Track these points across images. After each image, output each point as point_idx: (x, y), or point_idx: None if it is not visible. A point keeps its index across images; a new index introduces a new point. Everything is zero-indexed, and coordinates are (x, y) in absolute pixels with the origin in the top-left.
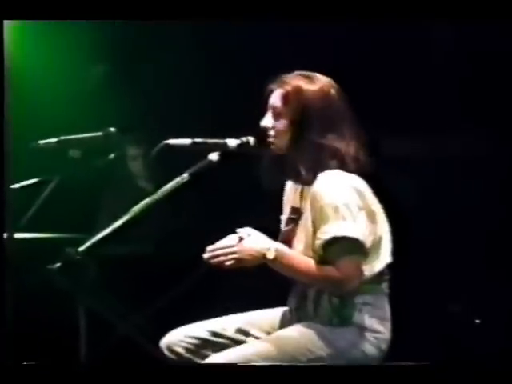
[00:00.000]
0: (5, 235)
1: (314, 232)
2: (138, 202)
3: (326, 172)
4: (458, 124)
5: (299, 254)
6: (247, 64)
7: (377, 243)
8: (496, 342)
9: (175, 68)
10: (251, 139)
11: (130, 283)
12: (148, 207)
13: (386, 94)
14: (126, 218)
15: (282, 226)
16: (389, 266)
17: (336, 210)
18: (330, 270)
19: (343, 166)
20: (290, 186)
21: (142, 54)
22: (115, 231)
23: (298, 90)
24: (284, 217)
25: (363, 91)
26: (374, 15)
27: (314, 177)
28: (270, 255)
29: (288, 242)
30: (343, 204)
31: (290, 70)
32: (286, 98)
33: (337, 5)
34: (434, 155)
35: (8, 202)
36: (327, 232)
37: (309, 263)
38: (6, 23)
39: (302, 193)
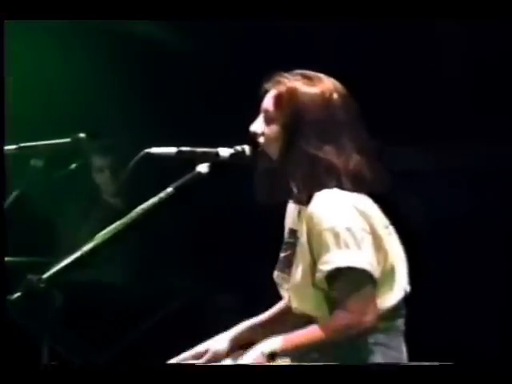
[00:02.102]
0: None
1: (314, 262)
2: (110, 221)
3: (323, 191)
4: (472, 133)
5: (298, 332)
6: (244, 63)
7: (388, 272)
8: None
9: (161, 66)
10: (247, 148)
11: (96, 316)
12: (124, 228)
13: (395, 100)
14: (97, 241)
15: (281, 252)
16: (405, 299)
17: (337, 236)
18: (338, 318)
19: (341, 185)
20: (290, 204)
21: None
22: (83, 257)
23: (293, 92)
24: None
25: (373, 97)
26: (386, 16)
27: (310, 196)
28: (271, 359)
29: (287, 270)
30: (345, 229)
31: (289, 68)
32: (278, 100)
33: (344, 5)
34: (449, 166)
35: None
36: (329, 262)
37: (314, 330)
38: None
39: (299, 212)
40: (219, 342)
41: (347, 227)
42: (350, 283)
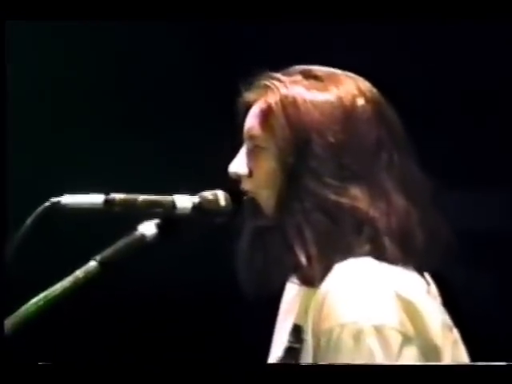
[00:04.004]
0: None
1: None
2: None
3: (347, 261)
4: None
5: None
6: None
7: None
8: None
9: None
10: (221, 195)
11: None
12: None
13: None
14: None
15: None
16: None
17: (357, 339)
18: None
19: (380, 250)
20: (291, 286)
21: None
22: None
23: (292, 103)
24: (277, 345)
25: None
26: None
27: (327, 268)
28: None
29: None
30: (374, 329)
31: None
32: (269, 117)
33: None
34: None
35: None
36: None
37: None
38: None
39: (304, 300)
40: None
41: (378, 326)
42: None
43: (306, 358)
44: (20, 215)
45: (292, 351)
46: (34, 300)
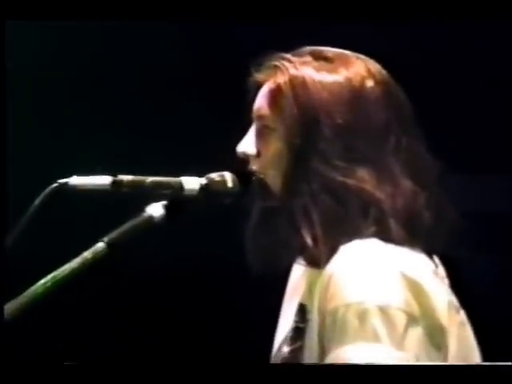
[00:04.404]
0: None
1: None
2: None
3: (353, 242)
4: None
5: None
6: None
7: None
8: None
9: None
10: (229, 176)
11: None
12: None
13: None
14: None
15: (283, 346)
16: None
17: (363, 319)
18: None
19: (386, 232)
20: (297, 267)
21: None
22: None
23: (301, 84)
24: (284, 325)
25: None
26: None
27: (332, 249)
28: None
29: None
30: (379, 309)
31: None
32: (278, 97)
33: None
34: None
35: None
36: (341, 361)
37: None
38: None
39: (310, 280)
40: None
41: (383, 307)
42: None
43: (312, 338)
44: (22, 200)
45: (298, 331)
46: (42, 281)
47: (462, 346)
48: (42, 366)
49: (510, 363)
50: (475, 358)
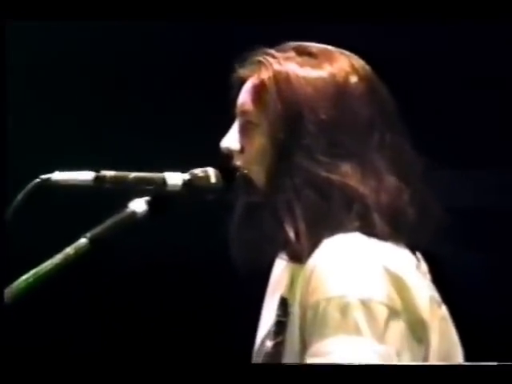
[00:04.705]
0: None
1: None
2: None
3: (336, 236)
4: None
5: None
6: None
7: None
8: None
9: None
10: (212, 172)
11: None
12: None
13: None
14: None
15: (266, 341)
16: None
17: (345, 312)
18: None
19: (369, 226)
20: (280, 262)
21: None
22: None
23: (285, 79)
24: (266, 320)
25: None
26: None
27: (315, 244)
28: None
29: None
30: (361, 303)
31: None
32: (262, 93)
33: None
34: None
35: None
36: (324, 355)
37: None
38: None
39: (292, 275)
40: None
41: (364, 300)
42: None
43: (293, 332)
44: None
45: (280, 325)
46: (24, 277)
47: (444, 340)
48: (25, 362)
49: (493, 363)
50: (457, 352)
